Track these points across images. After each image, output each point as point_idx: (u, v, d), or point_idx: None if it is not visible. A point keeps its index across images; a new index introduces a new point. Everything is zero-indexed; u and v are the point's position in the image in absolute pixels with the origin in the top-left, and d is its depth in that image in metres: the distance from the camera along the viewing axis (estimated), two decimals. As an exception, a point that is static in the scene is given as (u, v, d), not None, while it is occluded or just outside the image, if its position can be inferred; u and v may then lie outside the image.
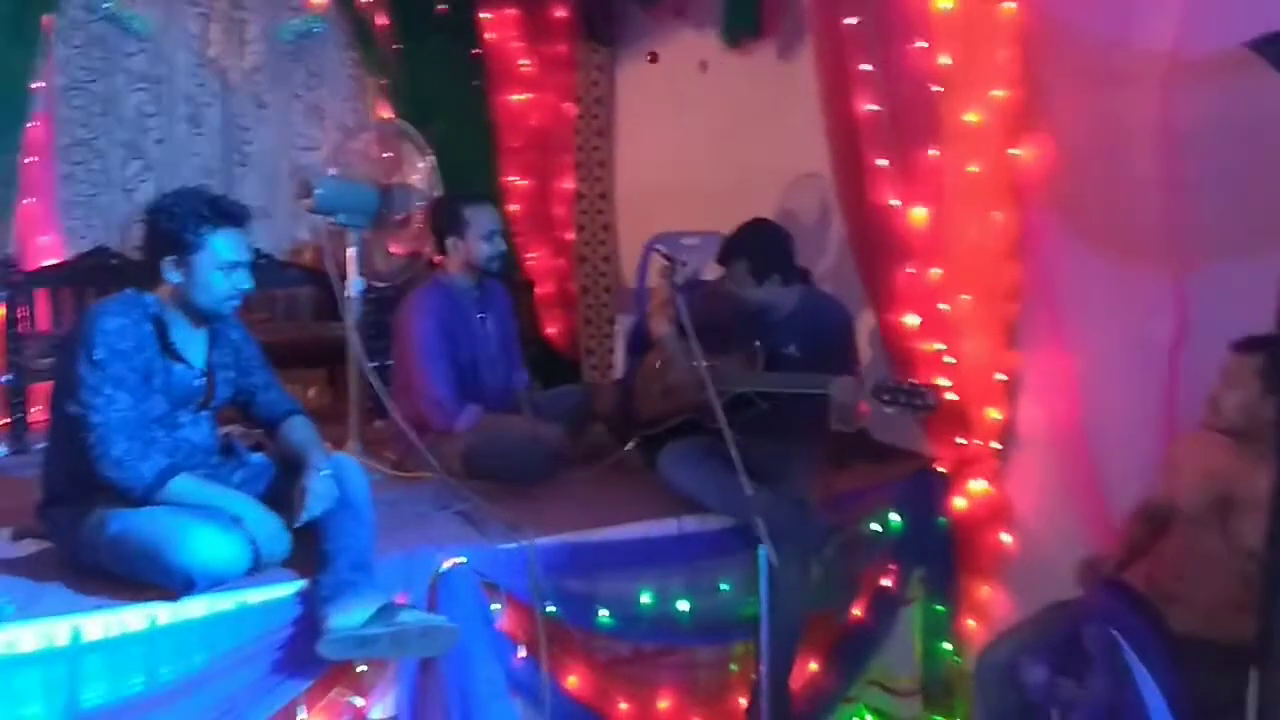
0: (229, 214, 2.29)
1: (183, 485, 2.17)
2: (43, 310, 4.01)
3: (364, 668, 2.23)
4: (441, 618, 2.23)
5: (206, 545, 2.07)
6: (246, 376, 2.46)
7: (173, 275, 2.25)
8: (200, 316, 2.31)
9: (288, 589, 2.17)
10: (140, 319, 2.23)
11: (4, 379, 3.71)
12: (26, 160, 3.94)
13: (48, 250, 4.13)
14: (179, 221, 2.24)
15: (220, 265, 2.25)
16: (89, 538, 2.15)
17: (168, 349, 2.27)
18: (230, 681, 2.06)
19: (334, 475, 2.26)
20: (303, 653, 2.11)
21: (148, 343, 2.23)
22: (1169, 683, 1.89)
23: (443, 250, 3.27)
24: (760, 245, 2.95)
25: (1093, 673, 1.97)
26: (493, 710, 2.31)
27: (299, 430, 2.43)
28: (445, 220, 3.24)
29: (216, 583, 2.10)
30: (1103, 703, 1.93)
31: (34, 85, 3.93)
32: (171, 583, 2.05)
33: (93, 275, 4.00)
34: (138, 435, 2.16)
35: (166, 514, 2.12)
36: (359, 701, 2.25)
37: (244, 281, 2.31)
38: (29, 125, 3.94)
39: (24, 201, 3.96)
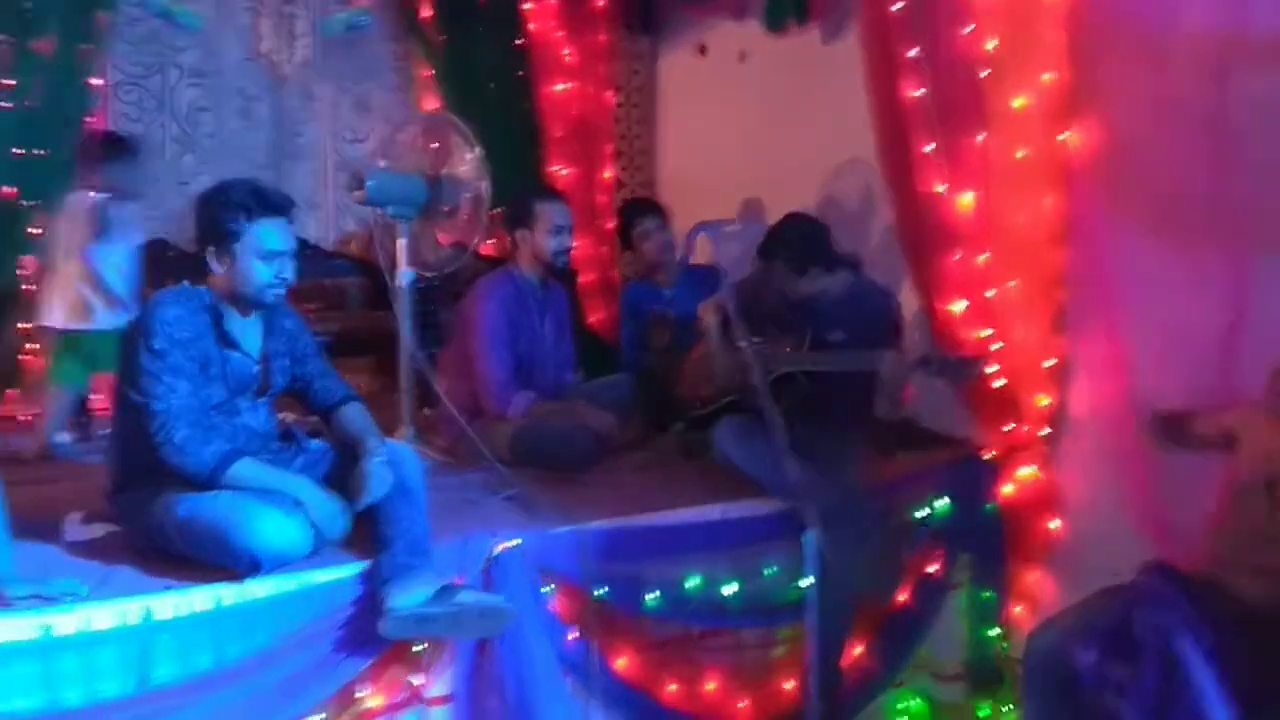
0: (270, 203, 2.33)
1: (244, 469, 2.23)
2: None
3: (422, 647, 2.29)
4: (498, 598, 2.29)
5: (271, 528, 2.13)
6: (302, 364, 2.52)
7: (216, 265, 2.31)
8: (249, 305, 2.37)
9: (349, 571, 2.23)
10: (197, 309, 2.30)
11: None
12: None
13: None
14: (221, 211, 2.30)
15: (261, 254, 2.30)
16: (157, 522, 2.23)
17: (223, 338, 2.33)
18: (294, 660, 2.13)
19: (390, 461, 2.32)
20: (363, 632, 2.17)
21: (204, 332, 2.30)
22: (1222, 666, 1.89)
23: (513, 243, 3.33)
24: (794, 242, 2.98)
25: (1143, 658, 1.97)
26: (545, 689, 2.36)
27: (355, 417, 2.49)
28: (517, 213, 3.31)
29: (281, 564, 2.16)
30: (1153, 688, 1.93)
31: (91, 81, 4.04)
32: (238, 564, 2.12)
33: (150, 267, 4.10)
34: (199, 422, 2.23)
35: (232, 498, 2.19)
36: (417, 680, 2.31)
37: (286, 270, 2.34)
38: (87, 121, 4.05)
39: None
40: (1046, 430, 3.14)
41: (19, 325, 3.81)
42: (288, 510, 2.20)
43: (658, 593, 2.61)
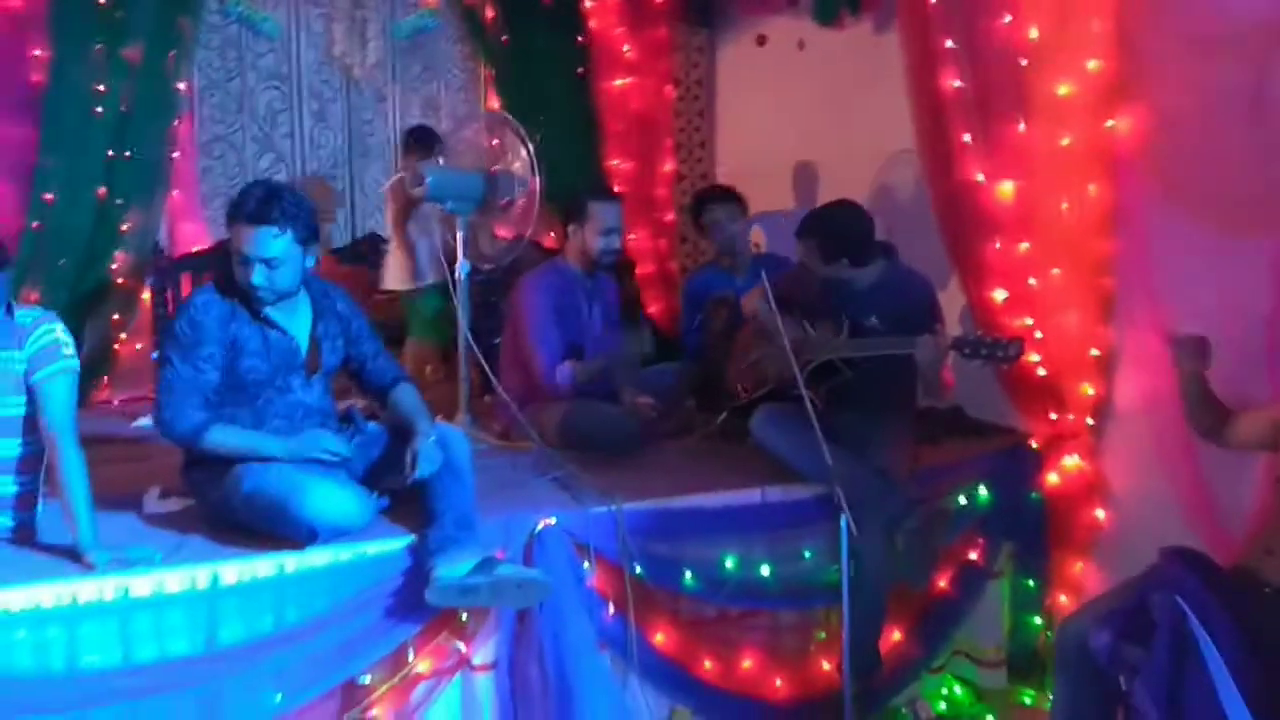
0: (239, 211, 2.45)
1: (217, 435, 2.42)
2: (187, 293, 4.39)
3: (467, 617, 2.43)
4: (536, 571, 2.42)
5: (327, 500, 2.30)
6: (356, 345, 2.67)
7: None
8: (257, 301, 2.48)
9: (400, 543, 2.39)
10: (224, 297, 2.49)
11: (153, 355, 4.09)
12: (173, 155, 4.31)
13: (192, 238, 4.51)
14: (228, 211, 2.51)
15: (237, 258, 2.45)
16: (226, 495, 2.42)
17: (260, 319, 2.50)
18: (349, 625, 2.30)
19: (440, 442, 2.47)
20: (413, 601, 2.32)
21: (235, 315, 2.47)
22: (1239, 650, 1.90)
23: (565, 235, 3.47)
24: (829, 228, 3.03)
25: (1157, 640, 1.99)
26: (583, 661, 2.48)
27: (407, 398, 2.65)
28: (572, 209, 3.44)
29: (337, 534, 2.33)
30: (1166, 670, 1.95)
31: (178, 85, 4.30)
32: (296, 534, 2.29)
33: (230, 261, 4.35)
34: (186, 398, 2.41)
35: (294, 471, 2.37)
36: (462, 647, 2.45)
37: (252, 275, 2.41)
38: (174, 123, 4.31)
39: (172, 194, 4.34)
40: (1092, 420, 3.13)
41: (113, 316, 4.09)
42: (343, 483, 2.37)
43: (694, 573, 2.70)
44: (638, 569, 2.60)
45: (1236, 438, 2.44)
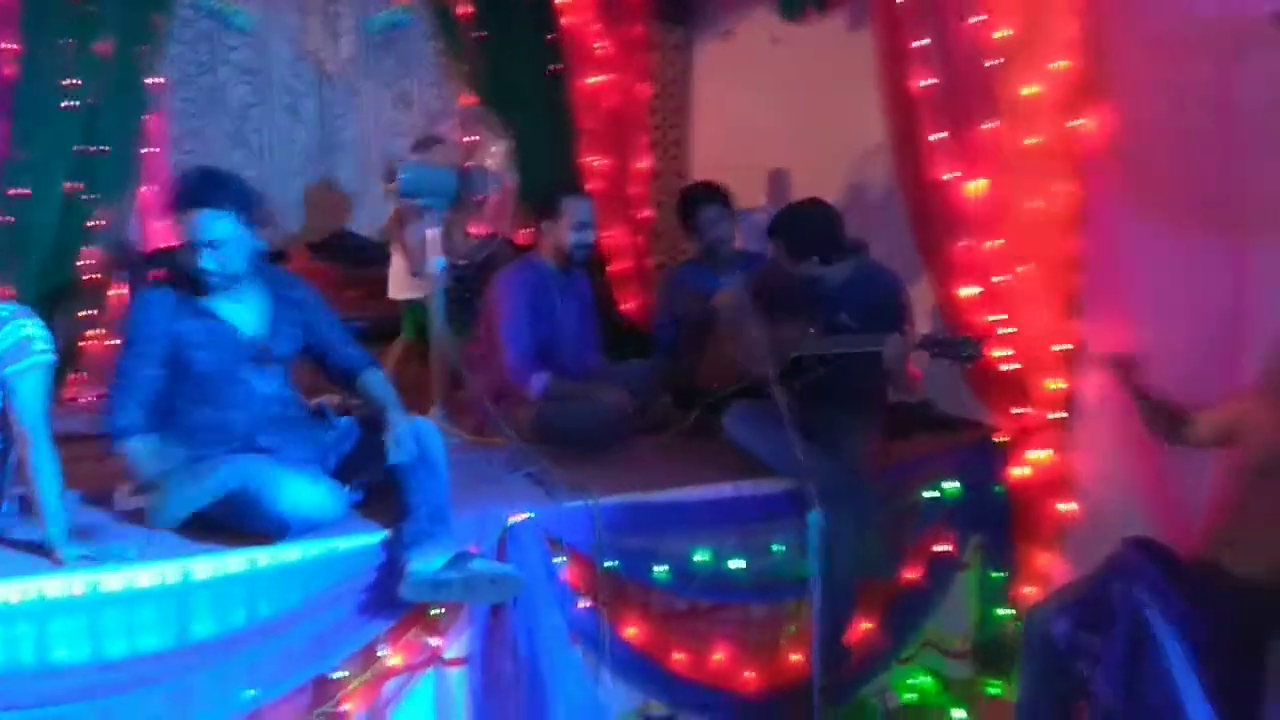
0: (176, 198, 2.48)
1: (135, 444, 2.46)
2: (153, 290, 4.37)
3: (440, 611, 2.45)
4: (510, 566, 2.43)
5: (300, 493, 2.31)
6: (315, 333, 2.66)
7: None
8: (206, 286, 2.50)
9: (373, 538, 2.40)
10: (167, 295, 2.52)
11: (124, 350, 4.06)
12: (145, 150, 4.27)
13: (164, 234, 4.47)
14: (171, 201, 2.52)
15: (188, 243, 2.47)
16: None
17: (203, 313, 2.50)
18: (321, 620, 2.31)
19: (415, 436, 2.46)
20: (385, 596, 2.34)
21: (178, 313, 2.49)
22: (1195, 639, 1.95)
23: (538, 230, 3.49)
24: (797, 227, 3.07)
25: (1115, 628, 2.03)
26: (556, 655, 2.50)
27: (376, 384, 2.64)
28: (544, 205, 3.46)
29: (310, 528, 2.34)
30: (1123, 655, 2.00)
31: (149, 80, 4.26)
32: (270, 528, 2.29)
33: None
34: (125, 394, 2.47)
35: (265, 465, 2.37)
36: (434, 641, 2.47)
37: (201, 259, 2.44)
38: (146, 117, 4.28)
39: (143, 189, 4.30)
40: (1059, 414, 3.18)
41: (81, 312, 4.06)
42: (314, 477, 2.37)
43: (666, 566, 2.73)
44: (611, 562, 2.62)
45: (1196, 438, 2.50)
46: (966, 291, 3.15)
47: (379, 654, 2.40)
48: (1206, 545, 2.39)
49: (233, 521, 2.33)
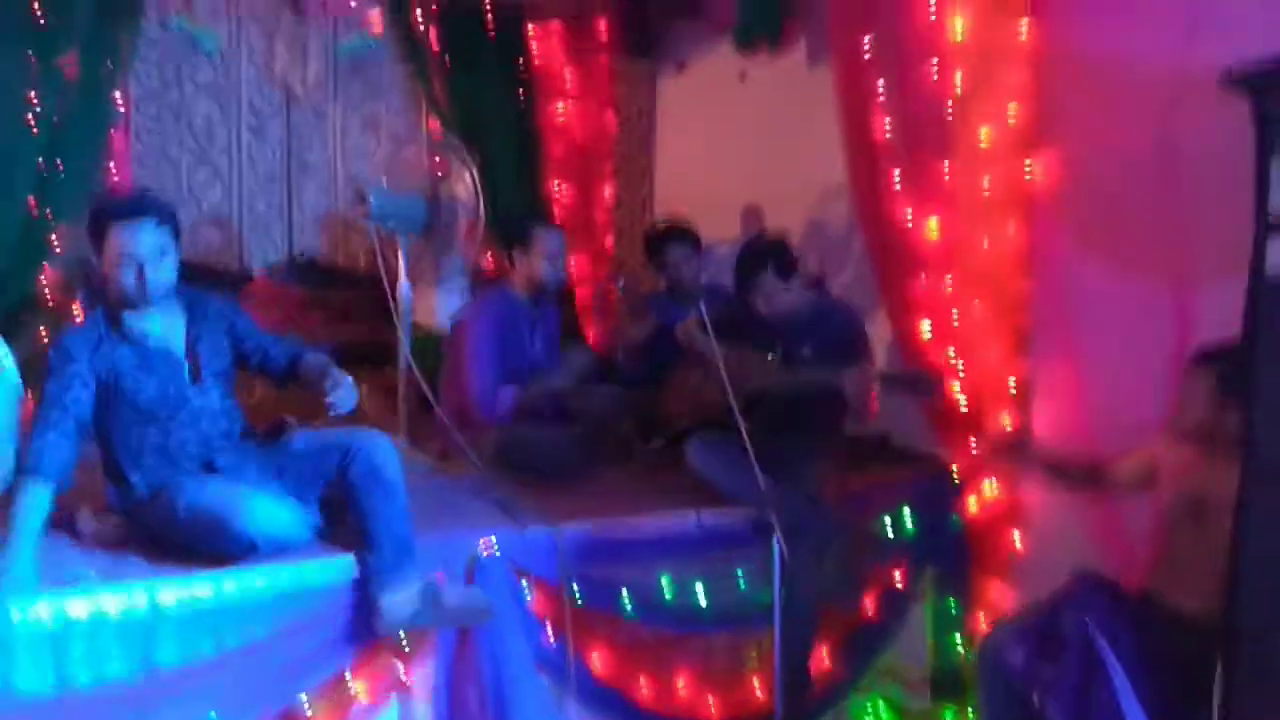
0: (111, 211, 2.47)
1: (34, 491, 2.27)
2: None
3: (405, 640, 2.45)
4: (479, 594, 2.46)
5: (265, 512, 2.32)
6: (244, 342, 2.66)
7: (100, 271, 2.50)
8: (130, 305, 2.48)
9: (338, 566, 2.40)
10: (91, 327, 2.51)
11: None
12: (108, 169, 4.24)
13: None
14: (89, 220, 2.50)
15: (117, 257, 2.43)
16: (160, 514, 2.41)
17: (132, 338, 2.49)
18: (288, 649, 2.30)
19: (370, 453, 2.41)
20: (352, 625, 2.35)
21: (106, 340, 2.47)
22: (1143, 670, 2.04)
23: (509, 261, 3.52)
24: (749, 259, 3.19)
25: (1067, 657, 2.12)
26: (522, 684, 2.52)
27: (314, 361, 2.62)
28: (515, 235, 3.50)
29: (277, 548, 2.34)
30: (1075, 684, 2.08)
31: (113, 97, 4.24)
32: (238, 549, 2.29)
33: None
34: (48, 413, 2.38)
35: (229, 486, 2.38)
36: (400, 671, 2.47)
37: (149, 273, 2.42)
38: (109, 135, 4.25)
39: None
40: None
41: (39, 331, 4.01)
42: (279, 497, 2.38)
43: (631, 595, 2.77)
44: (577, 592, 2.66)
45: (1116, 485, 2.61)
46: (922, 327, 3.24)
47: (346, 684, 2.40)
48: (1148, 579, 2.50)
49: (199, 544, 2.32)
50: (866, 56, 3.13)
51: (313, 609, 2.35)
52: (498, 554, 2.57)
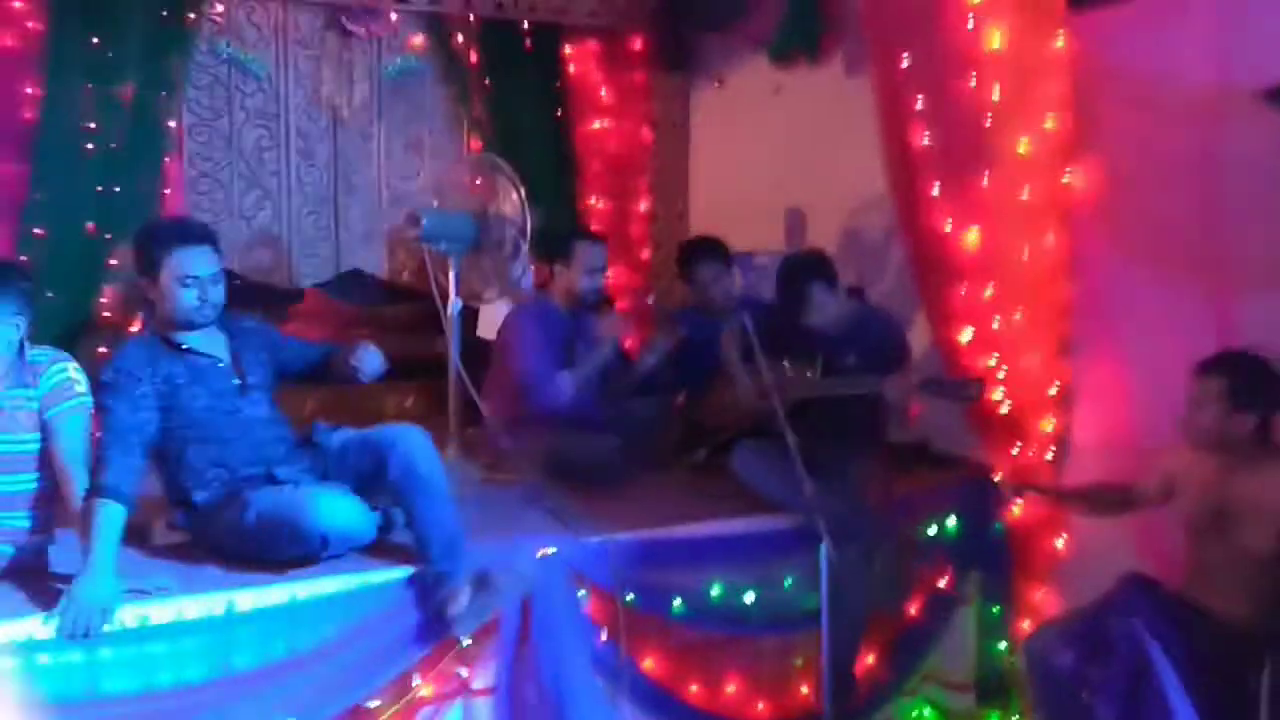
0: (182, 235, 2.63)
1: (109, 510, 2.31)
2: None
3: (468, 642, 2.53)
4: (518, 569, 2.56)
5: (333, 507, 2.44)
6: (279, 352, 2.81)
7: (152, 293, 2.63)
8: (187, 326, 2.63)
9: (403, 571, 2.49)
10: (147, 343, 2.65)
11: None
12: (163, 191, 4.39)
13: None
14: (143, 245, 2.63)
15: (180, 280, 2.57)
16: (231, 525, 2.51)
17: (183, 352, 2.63)
18: (357, 650, 2.39)
19: (407, 450, 2.50)
20: (417, 626, 2.43)
21: (161, 355, 2.60)
22: (1189, 673, 2.08)
23: (550, 274, 3.62)
24: (792, 272, 3.27)
25: (1115, 660, 2.16)
26: (578, 685, 2.60)
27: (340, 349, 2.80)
28: (558, 249, 3.59)
29: (347, 542, 2.45)
30: (1124, 689, 2.12)
31: (168, 123, 4.39)
32: (311, 546, 2.40)
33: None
34: (123, 438, 2.44)
35: (294, 489, 2.50)
36: (464, 671, 2.56)
37: (208, 293, 2.59)
38: (164, 160, 4.40)
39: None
40: (1051, 453, 3.32)
41: (99, 350, 4.14)
42: (345, 493, 2.50)
43: (682, 600, 2.84)
44: (630, 597, 2.73)
45: (1147, 501, 2.66)
46: (963, 335, 3.29)
47: (412, 684, 2.48)
48: (1187, 584, 2.53)
49: (272, 549, 2.42)
50: (905, 68, 3.19)
51: (378, 610, 2.44)
52: (555, 559, 2.64)
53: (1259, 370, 2.42)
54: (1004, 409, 3.28)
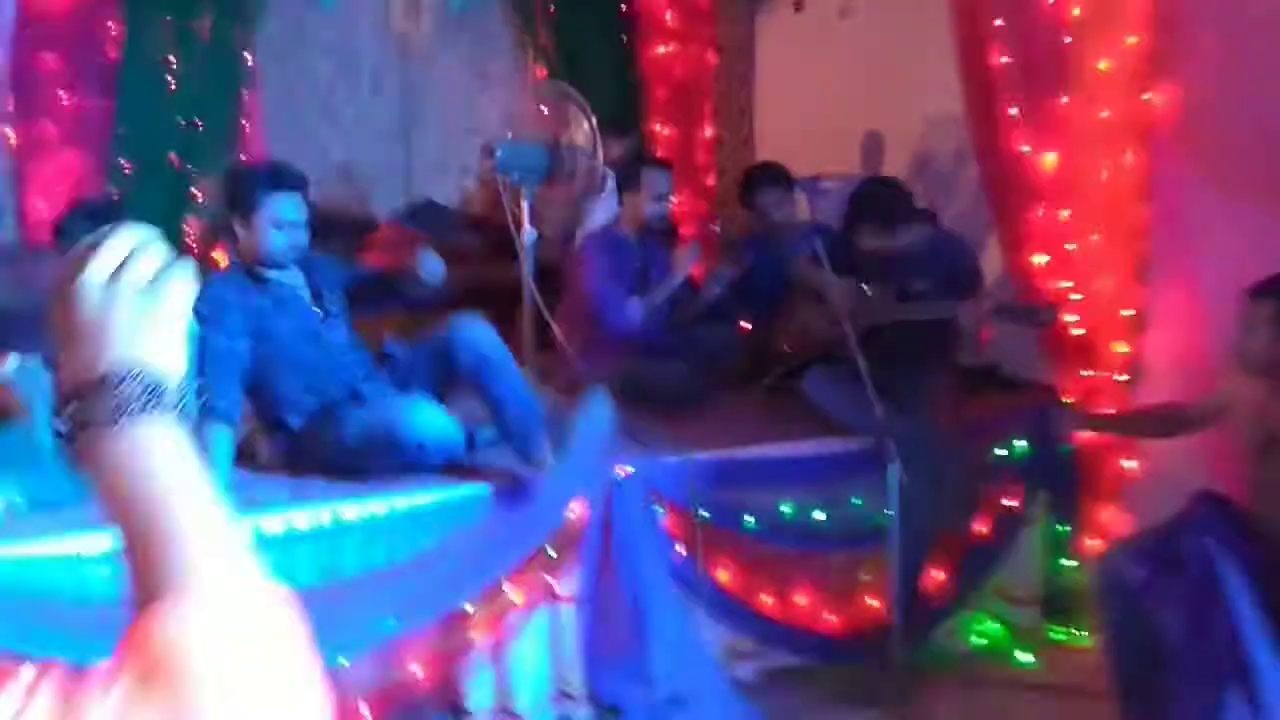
0: (278, 179, 2.75)
1: (222, 436, 2.53)
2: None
3: (555, 554, 2.68)
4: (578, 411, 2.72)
5: (426, 414, 2.59)
6: (352, 281, 2.99)
7: (241, 232, 2.76)
8: (274, 265, 2.77)
9: (493, 486, 2.64)
10: (234, 275, 2.81)
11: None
12: (242, 123, 4.51)
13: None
14: (239, 185, 2.79)
15: (273, 221, 2.71)
16: (331, 441, 2.66)
17: (268, 285, 2.77)
18: (451, 559, 2.55)
19: (470, 337, 2.71)
20: (508, 535, 2.58)
21: (247, 289, 2.74)
22: (1258, 586, 2.13)
23: (619, 201, 3.69)
24: (866, 204, 3.29)
25: (1187, 575, 2.21)
26: (657, 596, 2.73)
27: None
28: (625, 176, 3.64)
29: (441, 448, 2.60)
30: (1195, 603, 2.17)
31: (244, 56, 4.50)
32: (409, 453, 2.55)
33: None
34: (227, 369, 2.61)
35: (385, 403, 2.66)
36: (550, 580, 2.71)
37: (298, 238, 2.74)
38: (241, 93, 4.52)
39: (242, 160, 4.55)
40: (1124, 376, 3.33)
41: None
42: (429, 401, 2.65)
43: (754, 517, 2.94)
44: (704, 513, 2.84)
45: (1205, 423, 2.68)
46: (1038, 259, 3.29)
47: (503, 591, 2.64)
48: (1249, 503, 2.55)
49: (372, 460, 2.59)
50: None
51: (470, 522, 2.59)
52: (634, 478, 2.76)
53: None
54: (1077, 333, 3.28)
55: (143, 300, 0.65)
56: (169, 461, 0.62)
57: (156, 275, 0.66)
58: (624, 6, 5.15)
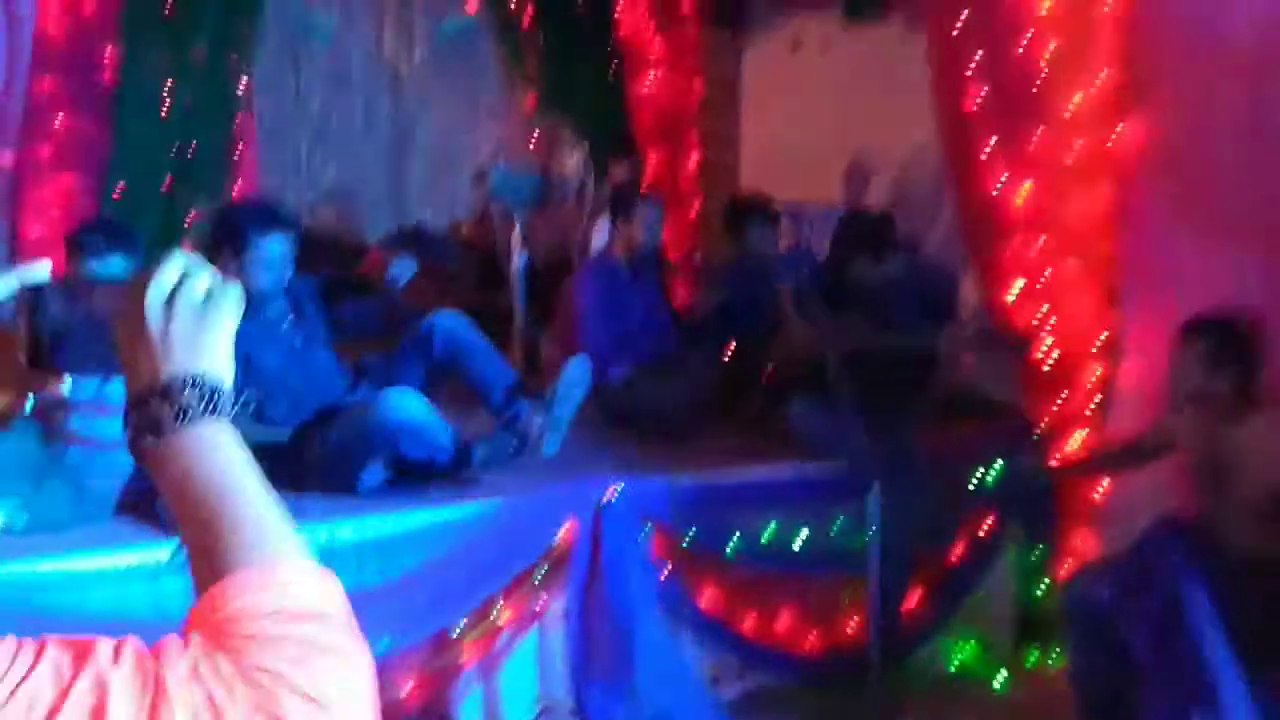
0: (270, 222, 2.83)
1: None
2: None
3: (542, 575, 2.73)
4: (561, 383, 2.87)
5: (400, 400, 2.68)
6: (324, 276, 3.11)
7: (229, 267, 2.78)
8: (262, 297, 2.82)
9: (489, 507, 2.71)
10: None
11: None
12: (236, 150, 4.58)
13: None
14: (227, 226, 2.87)
15: (260, 261, 2.78)
16: (316, 451, 2.73)
17: (253, 315, 2.78)
18: (443, 577, 2.60)
19: (449, 327, 2.86)
20: (498, 558, 2.65)
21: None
22: (1218, 604, 2.21)
23: (612, 229, 3.78)
24: (850, 234, 3.36)
25: (1150, 595, 2.29)
26: (642, 616, 2.79)
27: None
28: (618, 206, 3.74)
29: (422, 439, 2.68)
30: (1158, 621, 2.25)
31: (239, 84, 4.56)
32: (390, 443, 2.66)
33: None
34: None
35: (370, 396, 2.76)
36: (539, 601, 2.76)
37: (284, 274, 2.83)
38: (236, 119, 4.58)
39: (235, 185, 4.61)
40: (1096, 401, 3.42)
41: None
42: (407, 388, 2.75)
43: (738, 539, 3.01)
44: (690, 535, 2.91)
45: (1152, 453, 2.79)
46: (1013, 286, 3.39)
47: (493, 612, 2.69)
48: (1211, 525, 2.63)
49: (357, 459, 2.68)
50: (962, 30, 3.25)
51: (463, 541, 2.64)
52: (622, 499, 2.82)
53: (1236, 331, 2.52)
54: (1051, 358, 3.38)
55: (197, 317, 0.73)
56: (228, 458, 0.70)
57: (208, 294, 0.73)
58: (612, 39, 5.25)
